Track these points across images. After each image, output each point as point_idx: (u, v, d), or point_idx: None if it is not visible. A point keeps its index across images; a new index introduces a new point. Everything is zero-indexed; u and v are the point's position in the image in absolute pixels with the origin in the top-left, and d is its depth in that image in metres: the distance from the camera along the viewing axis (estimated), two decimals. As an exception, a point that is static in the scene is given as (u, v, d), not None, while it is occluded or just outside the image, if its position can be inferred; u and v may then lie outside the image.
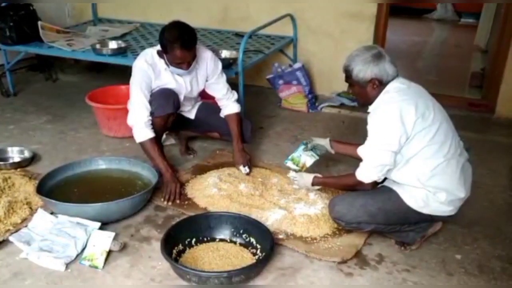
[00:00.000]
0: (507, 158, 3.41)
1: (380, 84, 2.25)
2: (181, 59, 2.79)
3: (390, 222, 2.32)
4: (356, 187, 2.38)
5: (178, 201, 2.71)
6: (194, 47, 2.83)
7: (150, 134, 2.79)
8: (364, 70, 2.23)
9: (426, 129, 2.18)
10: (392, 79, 2.26)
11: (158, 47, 2.89)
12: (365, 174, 2.28)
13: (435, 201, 2.23)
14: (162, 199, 2.75)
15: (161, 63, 2.90)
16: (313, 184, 2.64)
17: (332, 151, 2.81)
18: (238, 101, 3.19)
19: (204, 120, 3.27)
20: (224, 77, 3.13)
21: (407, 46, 6.76)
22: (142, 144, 2.80)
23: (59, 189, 2.73)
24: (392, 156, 2.20)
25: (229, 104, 3.15)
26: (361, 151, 2.29)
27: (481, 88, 4.48)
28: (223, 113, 3.17)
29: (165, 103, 2.88)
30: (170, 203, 2.68)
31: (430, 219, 2.34)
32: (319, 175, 2.67)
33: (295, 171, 2.76)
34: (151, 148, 2.79)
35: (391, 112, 2.17)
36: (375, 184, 2.34)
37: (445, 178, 2.23)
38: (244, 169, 3.05)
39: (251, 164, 3.10)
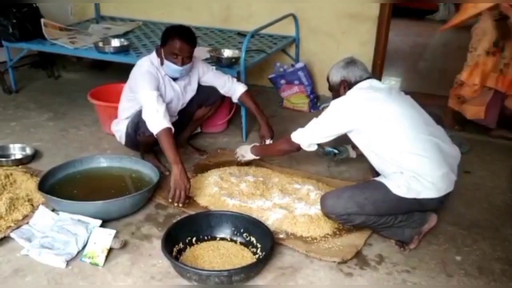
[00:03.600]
0: (508, 160, 3.41)
1: (349, 85, 2.54)
2: (179, 50, 2.83)
3: (380, 212, 2.36)
4: (286, 147, 2.73)
5: (180, 205, 2.65)
6: (192, 46, 2.89)
7: (166, 124, 2.69)
8: (336, 74, 2.59)
9: (386, 114, 2.36)
10: (361, 80, 2.52)
11: (152, 55, 2.98)
12: (297, 135, 2.63)
13: (417, 183, 2.29)
14: (169, 199, 2.66)
15: (161, 70, 2.95)
16: (252, 153, 2.96)
17: (354, 155, 3.10)
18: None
19: (184, 109, 3.24)
20: (213, 68, 3.27)
21: (409, 47, 6.77)
22: (157, 135, 2.69)
23: (61, 187, 2.74)
24: (324, 134, 2.54)
25: (234, 88, 3.25)
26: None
27: (482, 89, 4.48)
28: (234, 98, 3.31)
29: None
30: (175, 204, 2.65)
31: (420, 207, 2.37)
32: (257, 144, 3.01)
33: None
34: (166, 139, 2.65)
35: (343, 101, 2.48)
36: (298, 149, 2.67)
37: (418, 159, 2.30)
38: (269, 141, 3.20)
39: (274, 137, 3.27)
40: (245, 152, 3.01)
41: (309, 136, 2.60)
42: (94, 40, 4.10)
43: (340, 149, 3.13)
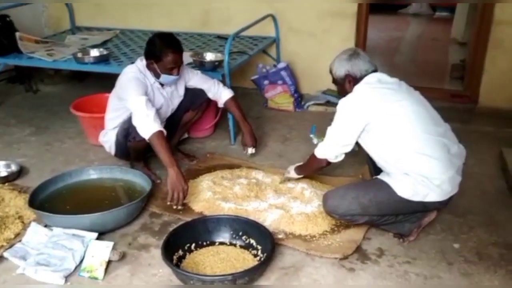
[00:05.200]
0: (494, 147, 3.46)
1: (354, 79, 2.43)
2: (174, 63, 2.83)
3: (383, 213, 2.36)
4: (316, 165, 2.62)
5: (180, 207, 2.64)
6: (182, 52, 2.89)
7: (158, 127, 2.65)
8: (339, 69, 2.47)
9: (390, 113, 2.29)
10: (367, 74, 2.42)
11: (138, 63, 2.94)
12: (320, 150, 2.53)
13: (422, 186, 2.25)
14: (168, 202, 2.61)
15: (149, 78, 2.92)
16: (295, 171, 2.83)
17: (356, 148, 2.93)
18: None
19: (171, 115, 3.21)
20: (199, 72, 3.26)
21: (385, 42, 6.84)
22: (150, 139, 2.64)
23: (51, 202, 2.68)
24: (346, 139, 2.41)
25: (220, 92, 3.23)
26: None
27: (462, 79, 4.55)
28: (220, 103, 3.28)
29: None
30: (174, 206, 2.62)
31: (423, 208, 2.36)
32: (299, 164, 2.84)
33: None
34: (158, 142, 2.61)
35: (352, 99, 2.38)
36: (328, 163, 2.55)
37: (424, 159, 2.25)
38: (251, 150, 3.21)
39: (257, 145, 3.25)
40: (290, 170, 2.86)
41: (330, 148, 2.47)
42: (72, 51, 4.02)
43: None
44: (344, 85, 2.47)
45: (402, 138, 2.28)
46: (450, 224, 2.59)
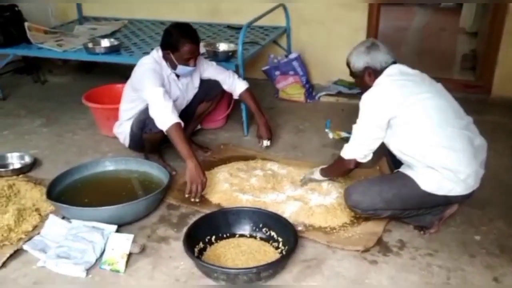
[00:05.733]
0: (508, 138, 3.44)
1: (374, 71, 2.37)
2: (191, 54, 2.80)
3: (406, 207, 2.33)
4: (344, 167, 2.50)
5: (197, 199, 2.61)
6: (199, 42, 2.87)
7: (175, 119, 2.63)
8: (358, 61, 2.40)
9: (415, 106, 2.24)
10: (387, 66, 2.36)
11: (154, 54, 2.90)
12: (347, 151, 2.43)
13: (447, 180, 2.21)
14: (186, 194, 2.59)
15: (165, 69, 2.90)
16: (321, 174, 2.70)
17: None
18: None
19: (186, 107, 3.19)
20: (214, 63, 3.23)
21: (392, 32, 6.78)
22: (167, 131, 2.62)
23: (68, 194, 2.66)
24: (373, 135, 2.33)
25: (235, 83, 3.21)
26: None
27: (473, 69, 4.53)
28: (235, 95, 3.26)
29: None
30: (192, 199, 2.60)
31: (446, 202, 2.33)
32: (324, 166, 2.72)
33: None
34: (177, 134, 2.59)
35: (375, 93, 2.32)
36: (357, 165, 2.44)
37: (449, 153, 2.21)
38: (266, 142, 3.19)
39: (273, 138, 3.23)
40: (315, 172, 2.73)
41: (358, 147, 2.38)
42: (82, 42, 3.99)
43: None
44: (364, 78, 2.40)
45: (427, 131, 2.23)
46: (470, 216, 2.58)
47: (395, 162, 2.53)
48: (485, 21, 4.39)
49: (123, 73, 4.55)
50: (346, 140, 2.96)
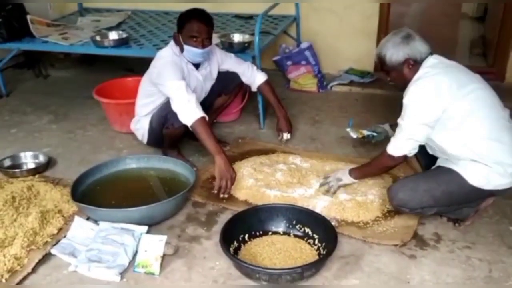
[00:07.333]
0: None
1: (415, 63, 2.26)
2: (197, 32, 2.70)
3: (453, 203, 2.27)
4: (390, 164, 2.37)
5: (226, 195, 2.57)
6: (210, 26, 2.78)
7: (200, 113, 2.57)
8: (396, 53, 2.26)
9: (466, 98, 2.16)
10: (426, 57, 2.26)
11: (173, 46, 2.83)
12: (396, 147, 2.30)
13: (496, 174, 2.15)
14: (215, 190, 2.55)
15: (183, 59, 2.81)
16: (351, 176, 2.56)
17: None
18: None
19: (203, 99, 3.10)
20: (233, 55, 3.16)
21: (394, 18, 6.71)
22: (192, 126, 2.56)
23: (91, 194, 2.58)
24: (424, 129, 2.21)
25: (254, 75, 3.14)
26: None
27: (483, 56, 4.50)
28: (254, 87, 3.20)
29: None
30: (221, 195, 2.55)
31: (490, 195, 2.28)
32: (354, 166, 2.62)
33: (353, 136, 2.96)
34: (203, 129, 2.53)
35: (425, 85, 2.19)
36: (404, 159, 2.34)
37: (498, 146, 2.16)
38: (286, 136, 3.14)
39: (292, 131, 3.19)
40: (342, 175, 2.58)
41: (407, 142, 2.26)
42: (87, 34, 3.88)
43: (378, 131, 2.91)
44: (403, 71, 2.28)
45: (477, 123, 2.16)
46: (502, 207, 2.54)
47: (424, 157, 2.48)
48: (492, 6, 4.35)
49: (126, 65, 4.47)
50: (370, 138, 2.94)
